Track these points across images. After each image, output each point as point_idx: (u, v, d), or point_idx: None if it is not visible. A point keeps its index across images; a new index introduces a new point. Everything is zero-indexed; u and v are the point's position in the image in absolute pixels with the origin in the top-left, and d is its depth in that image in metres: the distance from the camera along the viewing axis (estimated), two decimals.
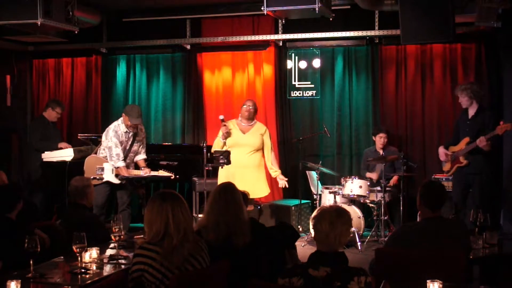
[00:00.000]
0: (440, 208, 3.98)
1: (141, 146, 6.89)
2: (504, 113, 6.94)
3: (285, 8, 5.93)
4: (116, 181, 6.62)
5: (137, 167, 6.90)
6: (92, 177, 6.49)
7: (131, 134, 6.73)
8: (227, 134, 6.78)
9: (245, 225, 3.76)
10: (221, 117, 6.89)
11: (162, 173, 6.75)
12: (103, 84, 9.10)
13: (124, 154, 6.69)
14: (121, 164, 6.59)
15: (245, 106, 6.98)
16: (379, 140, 7.63)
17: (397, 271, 3.70)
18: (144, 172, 6.71)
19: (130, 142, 6.75)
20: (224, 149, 6.71)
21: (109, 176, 6.60)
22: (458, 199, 6.57)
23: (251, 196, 6.71)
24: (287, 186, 7.10)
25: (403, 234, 4.05)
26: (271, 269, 3.76)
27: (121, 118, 6.69)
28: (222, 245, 3.63)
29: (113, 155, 6.59)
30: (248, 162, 6.81)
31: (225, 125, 6.77)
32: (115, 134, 6.61)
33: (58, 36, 7.72)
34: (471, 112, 6.60)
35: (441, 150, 6.83)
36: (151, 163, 7.16)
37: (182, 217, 3.31)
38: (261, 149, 6.97)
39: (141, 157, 6.90)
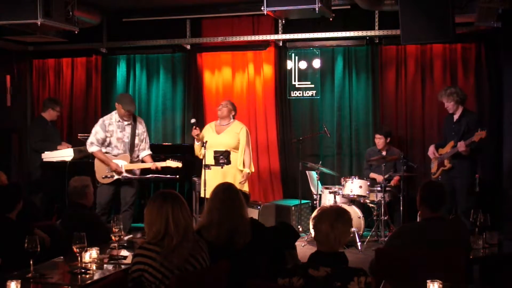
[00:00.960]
0: (440, 208, 3.97)
1: (144, 142, 6.83)
2: (504, 113, 6.94)
3: (285, 8, 5.92)
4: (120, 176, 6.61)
5: None
6: (103, 176, 6.59)
7: (126, 124, 6.69)
8: (197, 137, 6.66)
9: (248, 224, 3.77)
10: (193, 120, 6.77)
11: (170, 163, 6.63)
12: (103, 84, 9.10)
13: (124, 147, 6.67)
14: (94, 149, 6.60)
15: (219, 107, 6.91)
16: (377, 141, 7.64)
17: (397, 271, 3.71)
18: (153, 165, 6.60)
19: (128, 135, 6.70)
20: (203, 151, 6.56)
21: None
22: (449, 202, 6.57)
23: None
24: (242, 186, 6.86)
25: (403, 234, 4.05)
26: (271, 269, 3.76)
27: (116, 110, 6.71)
28: (223, 245, 3.63)
29: (88, 141, 6.66)
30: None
31: (194, 129, 6.64)
32: (102, 123, 6.66)
33: (58, 36, 7.71)
34: (456, 115, 6.64)
35: (432, 147, 6.89)
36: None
37: (182, 217, 3.31)
38: (235, 146, 6.80)
39: (146, 153, 6.85)
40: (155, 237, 3.29)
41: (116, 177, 6.61)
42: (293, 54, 8.46)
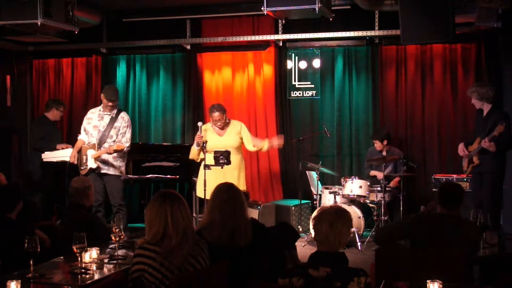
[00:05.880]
0: (456, 208, 4.12)
1: (122, 136, 6.82)
2: None
3: (285, 8, 5.92)
4: (94, 165, 6.68)
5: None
6: (81, 168, 6.72)
7: (105, 115, 6.80)
8: (201, 143, 6.58)
9: (249, 224, 3.78)
10: (200, 124, 6.71)
11: (118, 146, 6.61)
12: (103, 84, 9.04)
13: (98, 136, 6.75)
14: (79, 137, 6.89)
15: (213, 120, 6.79)
16: (376, 145, 7.64)
17: (397, 271, 3.71)
18: (106, 149, 6.60)
19: (104, 125, 6.78)
20: (201, 155, 6.57)
21: (91, 162, 6.72)
22: (476, 199, 6.53)
23: None
24: (281, 144, 6.98)
25: (421, 220, 4.18)
26: (271, 269, 3.76)
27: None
28: (224, 245, 3.63)
29: None
30: (232, 163, 6.71)
31: (201, 136, 6.59)
32: (88, 113, 6.96)
33: (58, 36, 7.71)
34: (484, 112, 6.58)
35: (461, 145, 6.76)
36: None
37: (181, 218, 3.31)
38: (240, 147, 6.88)
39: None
40: (154, 237, 3.30)
41: (88, 166, 6.69)
42: (293, 54, 8.46)
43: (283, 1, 5.88)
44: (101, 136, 6.76)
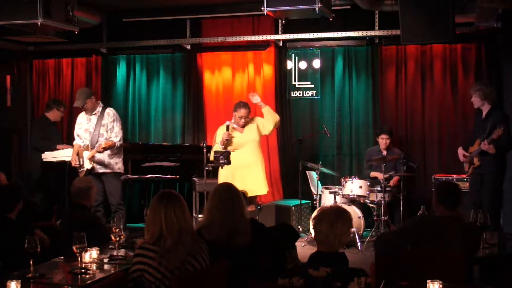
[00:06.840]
0: (454, 207, 4.08)
1: (110, 132, 6.82)
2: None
3: (285, 8, 5.92)
4: (89, 165, 6.71)
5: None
6: (80, 170, 6.75)
7: (92, 116, 6.84)
8: (228, 142, 6.66)
9: (248, 224, 3.78)
10: (228, 122, 6.71)
11: (107, 143, 6.63)
12: (103, 84, 9.10)
13: (90, 138, 6.78)
14: (74, 142, 6.91)
15: (238, 116, 6.78)
16: (381, 141, 7.62)
17: (397, 271, 3.71)
18: (97, 148, 6.63)
19: (93, 126, 6.81)
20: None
21: (86, 164, 6.75)
22: (475, 200, 6.53)
23: (256, 194, 6.72)
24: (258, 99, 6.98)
25: (421, 224, 4.15)
26: (271, 269, 3.76)
27: None
28: (223, 245, 3.63)
29: None
30: (254, 159, 6.79)
31: (229, 133, 6.63)
32: (77, 118, 7.02)
33: (58, 36, 7.71)
34: (483, 112, 6.55)
35: (460, 151, 6.74)
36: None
37: (175, 219, 3.31)
38: (260, 141, 6.96)
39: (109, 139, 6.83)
40: (152, 237, 3.32)
41: (85, 168, 6.72)
42: (293, 54, 8.46)
43: (283, 1, 5.88)
44: (92, 136, 6.79)
